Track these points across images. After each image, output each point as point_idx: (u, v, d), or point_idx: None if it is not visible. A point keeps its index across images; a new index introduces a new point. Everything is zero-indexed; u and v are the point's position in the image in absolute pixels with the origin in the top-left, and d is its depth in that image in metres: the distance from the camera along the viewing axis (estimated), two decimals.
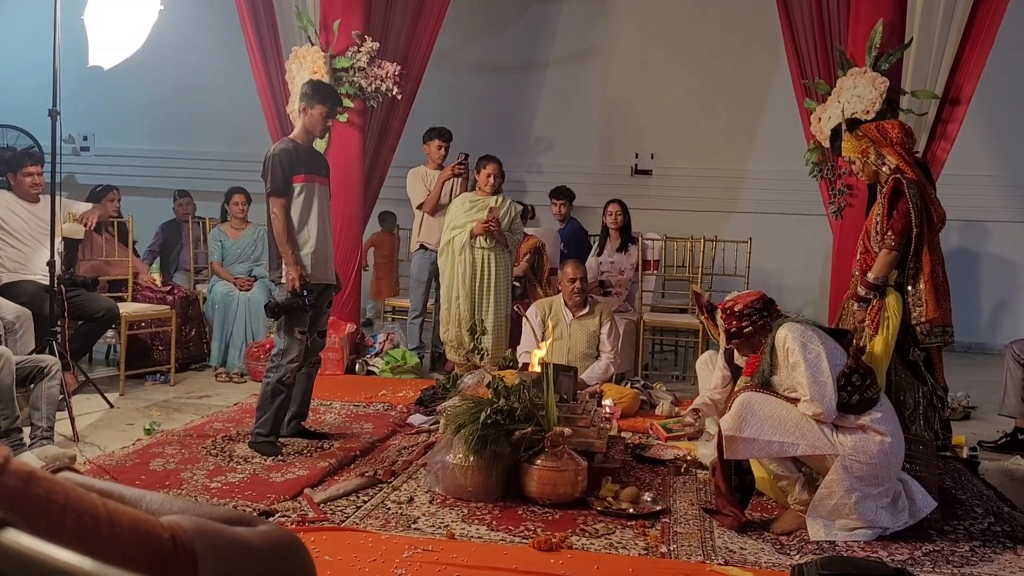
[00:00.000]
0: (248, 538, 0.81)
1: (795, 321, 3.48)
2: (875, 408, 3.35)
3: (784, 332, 3.41)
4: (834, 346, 3.42)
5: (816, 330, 3.45)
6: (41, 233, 5.27)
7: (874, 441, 3.30)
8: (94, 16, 4.46)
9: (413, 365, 6.35)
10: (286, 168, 4.25)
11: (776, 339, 3.44)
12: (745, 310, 3.59)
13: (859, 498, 3.29)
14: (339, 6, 6.31)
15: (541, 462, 3.64)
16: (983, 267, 8.44)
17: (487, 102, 9.05)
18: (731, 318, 3.62)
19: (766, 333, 3.54)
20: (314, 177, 4.37)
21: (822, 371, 3.29)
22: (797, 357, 3.33)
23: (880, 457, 3.29)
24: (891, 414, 3.43)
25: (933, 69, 5.55)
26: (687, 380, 6.60)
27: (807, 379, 3.30)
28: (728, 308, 3.64)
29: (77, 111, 8.03)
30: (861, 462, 3.28)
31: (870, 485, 3.31)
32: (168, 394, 5.67)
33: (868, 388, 3.36)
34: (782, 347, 3.41)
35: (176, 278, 7.12)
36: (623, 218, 6.91)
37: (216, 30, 8.41)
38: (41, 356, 4.43)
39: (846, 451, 3.29)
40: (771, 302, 3.67)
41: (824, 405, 3.28)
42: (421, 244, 6.70)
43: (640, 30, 8.93)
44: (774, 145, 8.32)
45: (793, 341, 3.36)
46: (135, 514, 0.73)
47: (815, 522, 3.35)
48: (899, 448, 3.39)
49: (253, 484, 3.79)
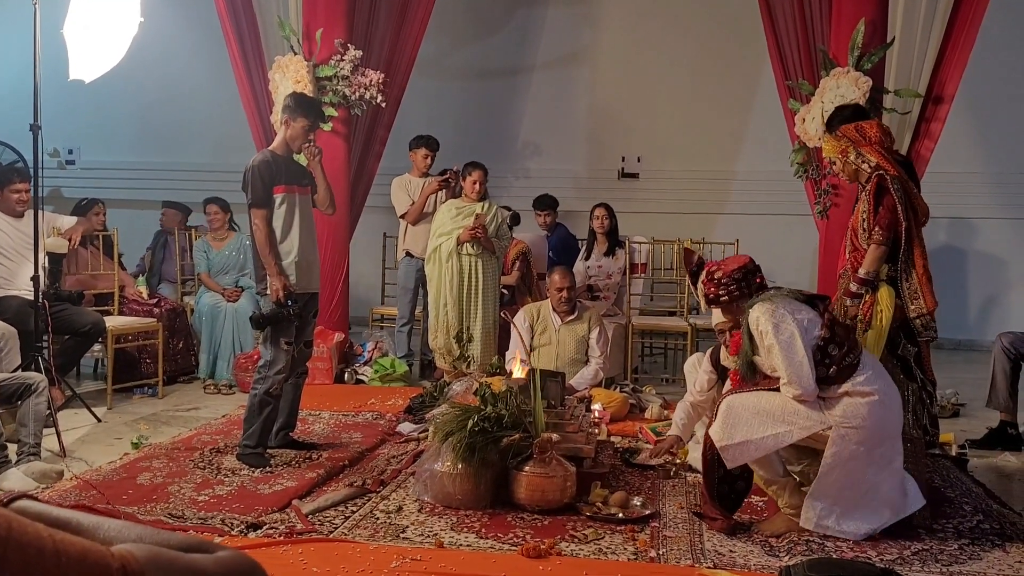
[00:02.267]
0: (204, 565, 0.80)
1: (768, 300, 3.40)
2: (857, 372, 3.32)
3: (756, 314, 3.37)
4: (809, 318, 3.36)
5: (790, 303, 3.38)
6: (25, 248, 5.24)
7: (862, 403, 3.27)
8: (74, 29, 4.44)
9: (402, 373, 6.34)
10: (266, 179, 4.24)
11: (750, 321, 3.40)
12: (723, 278, 3.55)
13: (865, 464, 3.27)
14: (321, 15, 6.31)
15: (530, 468, 3.63)
16: (970, 264, 8.46)
17: (473, 108, 9.04)
18: (710, 283, 3.59)
19: (743, 303, 3.50)
20: (294, 187, 4.36)
21: (796, 351, 3.26)
22: (771, 340, 3.30)
23: (873, 417, 3.27)
24: (877, 372, 3.40)
25: (916, 68, 5.58)
26: (676, 383, 6.59)
27: (782, 362, 3.27)
28: (711, 272, 3.61)
29: (61, 124, 8.00)
30: (855, 427, 3.26)
31: (873, 446, 3.29)
32: (156, 407, 5.64)
33: (847, 355, 3.33)
34: (756, 330, 3.37)
35: (161, 290, 7.09)
36: (610, 222, 6.90)
37: (199, 41, 8.39)
38: (28, 373, 4.40)
39: (837, 421, 3.27)
40: (753, 272, 3.59)
41: (803, 386, 3.26)
42: (407, 252, 6.69)
43: (626, 34, 8.94)
44: (760, 146, 8.34)
45: (766, 323, 3.32)
46: (84, 544, 0.72)
47: (813, 506, 3.33)
48: (892, 401, 3.38)
49: (241, 496, 3.77)
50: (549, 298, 5.69)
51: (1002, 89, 7.96)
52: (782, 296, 3.42)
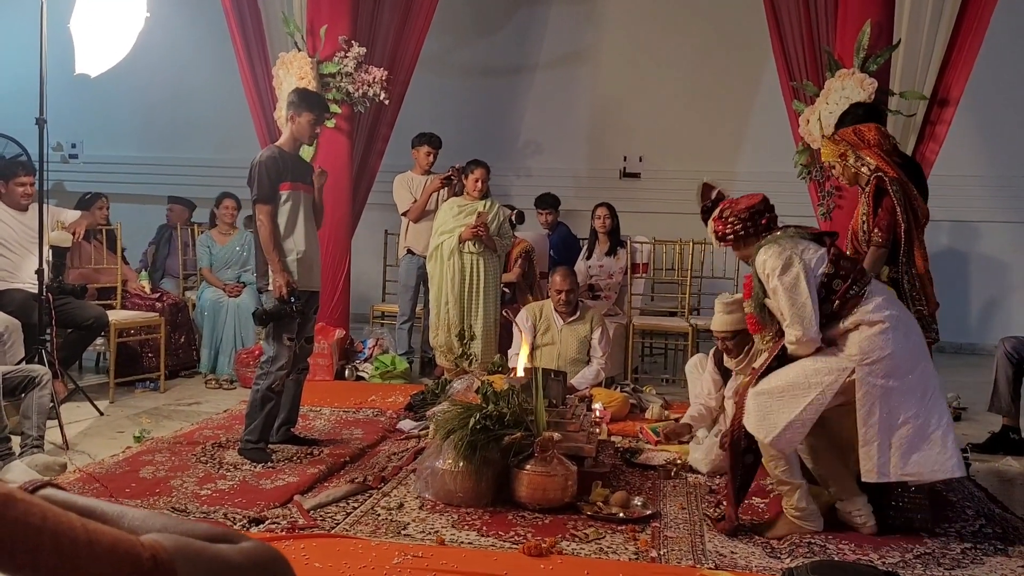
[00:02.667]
0: (230, 555, 0.81)
1: (775, 241, 3.34)
2: (864, 302, 3.28)
3: (763, 256, 3.33)
4: (816, 256, 3.32)
5: (796, 243, 3.33)
6: (29, 241, 5.24)
7: (876, 335, 3.22)
8: (81, 24, 4.44)
9: (402, 370, 6.34)
10: (272, 175, 4.25)
11: (757, 264, 3.36)
12: (731, 217, 3.49)
13: (901, 396, 3.22)
14: (326, 12, 6.31)
15: (531, 467, 3.63)
16: (972, 267, 8.47)
17: (475, 106, 9.05)
18: (718, 220, 3.54)
19: (751, 242, 3.45)
20: (300, 185, 4.37)
21: (800, 293, 3.23)
22: (775, 282, 3.27)
23: (891, 346, 3.21)
24: (887, 300, 3.34)
25: (921, 70, 5.57)
26: (677, 383, 6.60)
27: (786, 303, 3.24)
28: (723, 209, 3.55)
29: (65, 119, 8.01)
30: (876, 360, 3.21)
31: (903, 375, 3.23)
32: (158, 401, 5.65)
33: (851, 287, 3.28)
34: (763, 273, 3.33)
35: (163, 284, 7.10)
36: (612, 222, 6.91)
37: (204, 37, 8.39)
38: (32, 366, 4.41)
39: (857, 360, 3.22)
40: (761, 213, 3.50)
41: (804, 327, 3.23)
42: (408, 249, 6.70)
43: (628, 33, 8.94)
44: (763, 147, 8.34)
45: (772, 266, 3.28)
46: (115, 534, 0.72)
47: (868, 455, 3.23)
48: (906, 325, 3.32)
49: (243, 491, 3.77)
50: (551, 298, 5.69)
51: (1007, 93, 7.96)
52: (788, 236, 3.36)
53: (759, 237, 3.44)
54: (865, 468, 3.25)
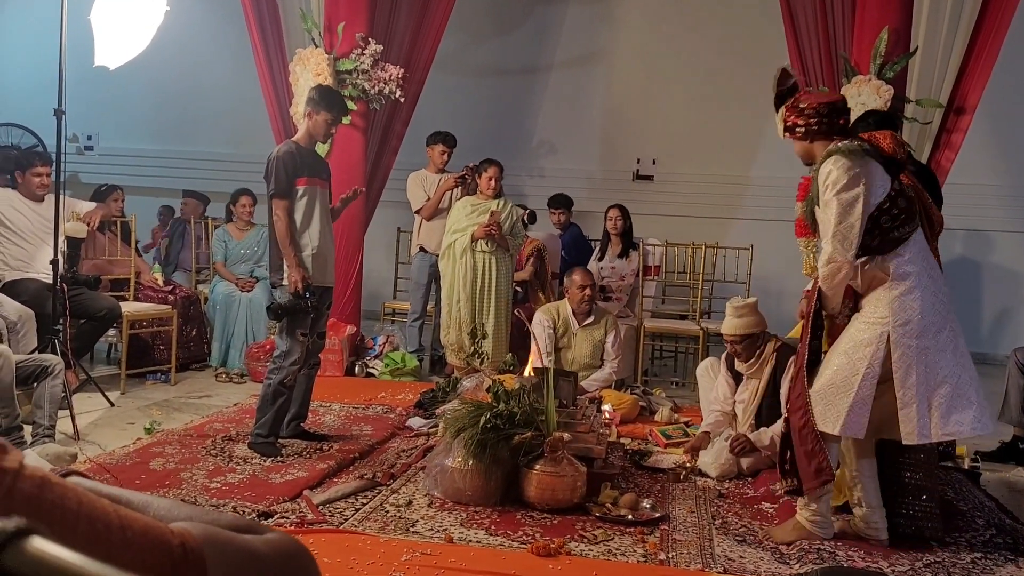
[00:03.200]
0: (256, 546, 0.81)
1: (848, 154, 3.17)
2: (902, 249, 3.20)
3: (830, 166, 3.18)
4: (879, 185, 3.19)
5: (867, 164, 3.18)
6: (45, 232, 5.27)
7: (904, 292, 3.16)
8: (101, 16, 4.46)
9: (412, 368, 6.35)
10: (289, 170, 4.27)
11: (821, 169, 3.21)
12: (807, 109, 3.32)
13: (936, 354, 3.16)
14: (343, 9, 6.33)
15: (540, 467, 3.64)
16: (985, 277, 8.43)
17: (490, 105, 9.05)
18: (792, 111, 3.37)
19: (822, 141, 3.30)
20: (316, 180, 4.38)
21: (852, 214, 3.12)
22: (831, 196, 3.15)
23: (921, 301, 3.16)
24: (918, 252, 3.24)
25: (938, 78, 5.55)
26: (687, 387, 6.60)
27: (834, 219, 3.14)
28: (799, 99, 3.39)
29: (81, 110, 8.00)
30: (908, 319, 3.15)
31: (936, 332, 3.17)
32: (168, 393, 5.67)
33: (896, 228, 3.19)
34: (823, 180, 3.19)
35: (175, 277, 7.12)
36: (624, 223, 6.90)
37: (221, 31, 8.42)
38: (44, 355, 4.43)
39: (890, 323, 3.15)
40: (841, 112, 3.35)
41: (843, 249, 3.13)
42: (421, 247, 6.71)
43: (644, 35, 8.93)
44: (777, 152, 8.27)
45: (835, 179, 3.14)
46: (146, 520, 0.73)
47: (907, 418, 3.15)
48: (935, 278, 3.25)
49: (252, 485, 3.78)
50: (568, 298, 5.65)
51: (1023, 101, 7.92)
52: (862, 153, 3.20)
53: (829, 138, 3.29)
54: (905, 431, 3.17)
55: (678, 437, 4.80)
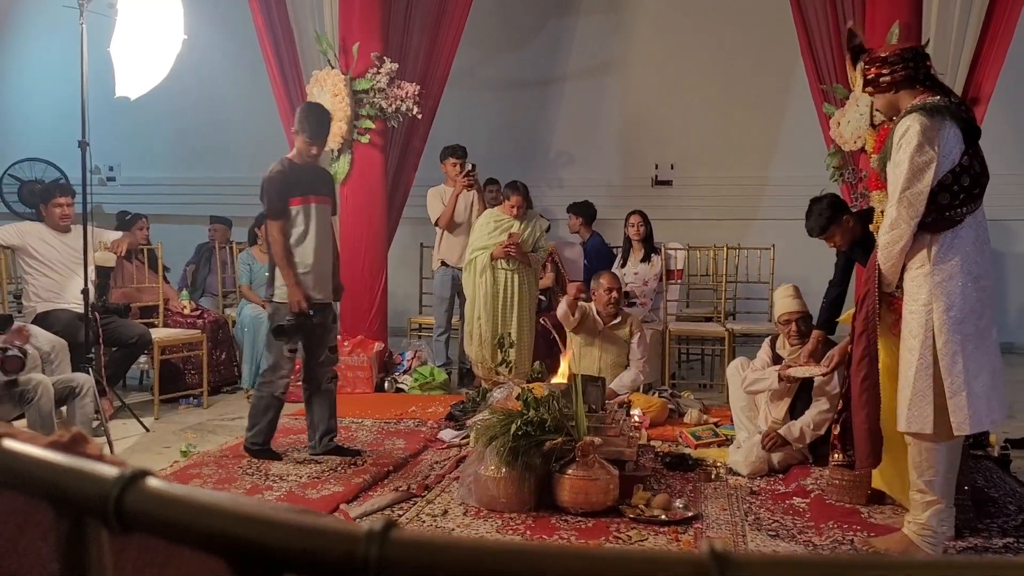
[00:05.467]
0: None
1: (933, 113, 3.04)
2: (956, 228, 3.08)
3: (910, 122, 3.05)
4: (953, 146, 3.07)
5: (950, 130, 3.06)
6: (73, 262, 5.37)
7: (948, 278, 3.05)
8: (120, 48, 4.56)
9: (441, 381, 6.40)
10: (280, 190, 4.32)
11: (899, 125, 3.09)
12: (891, 57, 3.21)
13: (976, 342, 3.07)
14: (358, 29, 6.41)
15: (572, 471, 3.67)
16: (1009, 266, 8.37)
17: (506, 118, 9.12)
18: (872, 63, 3.25)
19: (907, 91, 3.18)
20: (310, 197, 4.41)
21: (923, 179, 3.00)
22: (905, 155, 3.02)
23: (962, 289, 3.06)
24: (971, 234, 3.13)
25: (952, 69, 5.55)
26: (714, 388, 6.61)
27: (903, 181, 3.01)
28: (876, 51, 3.29)
29: (102, 141, 8.10)
30: (953, 305, 3.04)
31: (975, 320, 3.08)
32: (202, 417, 5.74)
33: (953, 209, 3.07)
34: (900, 135, 3.07)
35: (203, 302, 7.21)
36: (645, 229, 6.93)
37: (237, 56, 8.54)
38: (72, 375, 4.50)
39: (934, 309, 3.06)
40: (924, 56, 3.24)
41: (908, 214, 3.02)
42: (442, 261, 6.76)
43: (655, 43, 8.98)
44: (794, 151, 8.32)
45: (913, 136, 3.01)
46: None
47: (958, 407, 3.02)
48: (981, 264, 3.13)
49: (290, 501, 3.84)
50: (595, 300, 5.64)
51: None
52: (946, 118, 3.07)
53: (913, 87, 3.18)
54: (956, 421, 3.04)
55: (708, 438, 4.82)
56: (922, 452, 3.14)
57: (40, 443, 0.68)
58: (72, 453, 0.69)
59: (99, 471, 0.61)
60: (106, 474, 0.61)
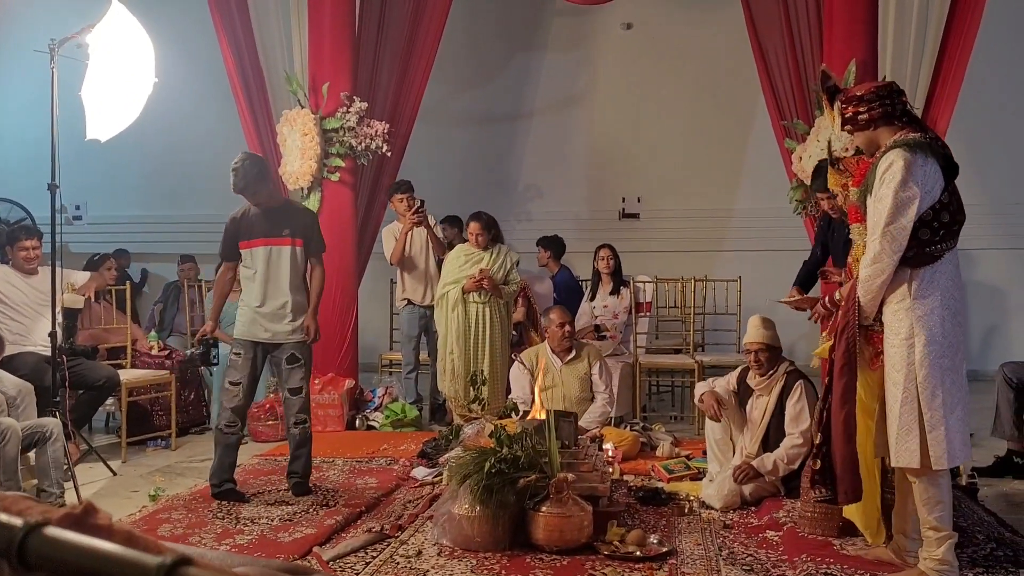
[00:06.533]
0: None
1: (916, 150, 3.08)
2: (935, 263, 3.11)
3: (894, 157, 3.08)
4: (933, 183, 3.09)
5: (932, 168, 3.09)
6: (41, 304, 5.32)
7: (928, 312, 3.09)
8: (91, 92, 4.55)
9: (413, 418, 6.38)
10: (230, 236, 4.67)
11: (882, 161, 3.12)
12: (867, 95, 3.25)
13: (952, 376, 3.11)
14: (327, 69, 6.46)
15: (547, 509, 3.67)
16: (971, 295, 8.52)
17: (475, 153, 9.20)
18: (850, 102, 3.30)
19: (886, 127, 3.22)
20: (257, 241, 4.60)
21: (906, 214, 3.02)
22: (888, 190, 3.05)
23: (941, 323, 3.10)
24: (949, 269, 3.16)
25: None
26: (685, 420, 6.66)
27: (886, 216, 3.04)
28: (852, 90, 3.34)
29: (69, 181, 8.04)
30: (933, 340, 3.08)
31: (952, 355, 3.12)
32: (170, 459, 5.68)
33: (935, 244, 3.10)
34: (883, 169, 3.09)
35: (171, 341, 7.16)
36: (614, 262, 6.99)
37: (206, 95, 8.53)
38: (41, 420, 4.45)
39: (915, 343, 3.09)
40: (899, 92, 3.29)
41: (889, 251, 3.05)
42: (407, 300, 6.76)
43: (622, 77, 9.13)
44: (759, 183, 8.46)
45: (897, 171, 3.04)
46: (214, 565, 0.79)
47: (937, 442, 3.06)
48: (957, 298, 3.17)
49: (262, 545, 3.81)
50: (548, 338, 5.72)
51: (995, 121, 8.10)
52: (928, 155, 3.10)
53: (892, 123, 3.23)
54: (935, 455, 3.07)
55: (680, 471, 4.85)
56: (928, 488, 3.16)
57: (55, 515, 0.73)
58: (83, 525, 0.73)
59: (9, 521, 0.75)
60: (13, 523, 0.74)
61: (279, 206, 4.70)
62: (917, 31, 5.65)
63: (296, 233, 4.62)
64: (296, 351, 4.63)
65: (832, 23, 5.76)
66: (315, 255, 4.73)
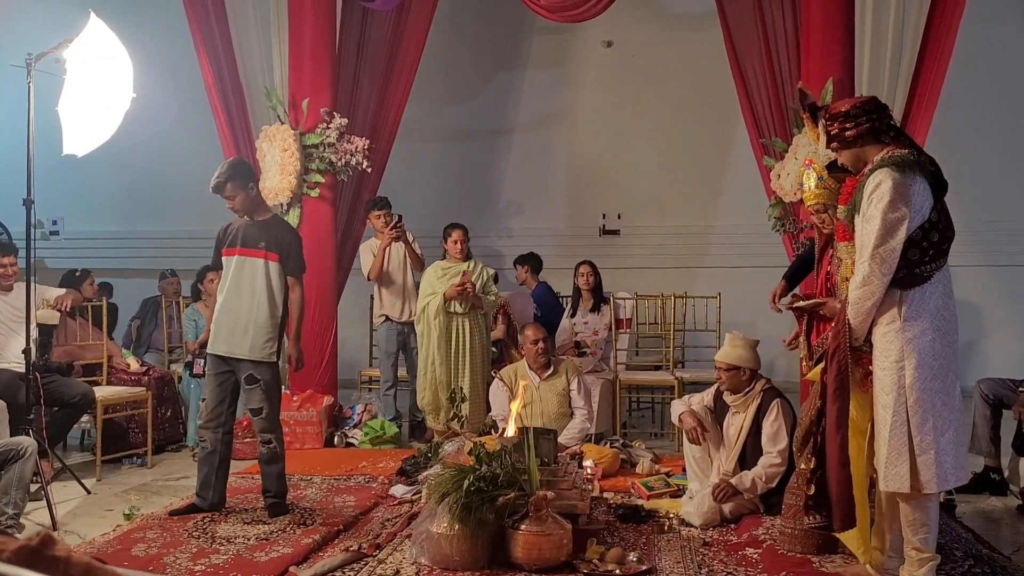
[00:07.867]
0: None
1: (905, 170, 3.04)
2: (925, 284, 3.09)
3: (882, 177, 3.04)
4: (923, 202, 3.07)
5: (921, 187, 3.07)
6: (14, 321, 5.26)
7: (919, 334, 3.07)
8: (68, 106, 4.52)
9: (392, 435, 6.34)
10: (217, 244, 4.69)
11: (870, 180, 3.08)
12: (852, 111, 3.21)
13: (944, 399, 3.09)
14: (307, 85, 6.45)
15: (526, 527, 3.65)
16: None
17: (456, 169, 9.21)
18: (835, 119, 3.25)
19: (873, 144, 3.20)
20: (234, 250, 4.57)
21: (895, 236, 3.00)
22: (876, 211, 3.02)
23: (932, 345, 3.09)
24: (940, 289, 3.15)
25: None
26: (665, 437, 6.65)
27: (875, 237, 3.02)
28: (838, 106, 3.29)
29: (45, 195, 8.01)
30: (923, 363, 3.07)
31: (943, 376, 3.10)
32: (146, 477, 5.61)
33: (924, 265, 3.08)
34: (871, 189, 3.06)
35: (148, 358, 7.09)
36: (594, 279, 7.00)
37: (185, 109, 8.48)
38: (16, 439, 4.37)
39: (904, 365, 3.08)
40: (884, 107, 3.26)
41: (879, 273, 3.03)
42: (385, 316, 6.73)
43: (602, 95, 9.18)
44: (738, 200, 8.51)
45: (885, 192, 3.01)
46: None
47: (927, 465, 3.05)
48: (949, 320, 3.16)
49: (237, 565, 3.76)
50: (524, 355, 5.72)
51: (969, 141, 8.19)
52: (917, 173, 3.07)
53: (878, 138, 3.20)
54: (925, 479, 3.06)
55: (660, 488, 4.84)
56: (916, 511, 3.15)
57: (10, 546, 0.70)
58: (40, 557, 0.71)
59: None
60: None
61: (265, 220, 4.65)
62: (893, 50, 5.73)
63: (271, 247, 4.53)
64: (255, 371, 4.49)
65: (809, 42, 5.82)
66: (293, 274, 4.60)
